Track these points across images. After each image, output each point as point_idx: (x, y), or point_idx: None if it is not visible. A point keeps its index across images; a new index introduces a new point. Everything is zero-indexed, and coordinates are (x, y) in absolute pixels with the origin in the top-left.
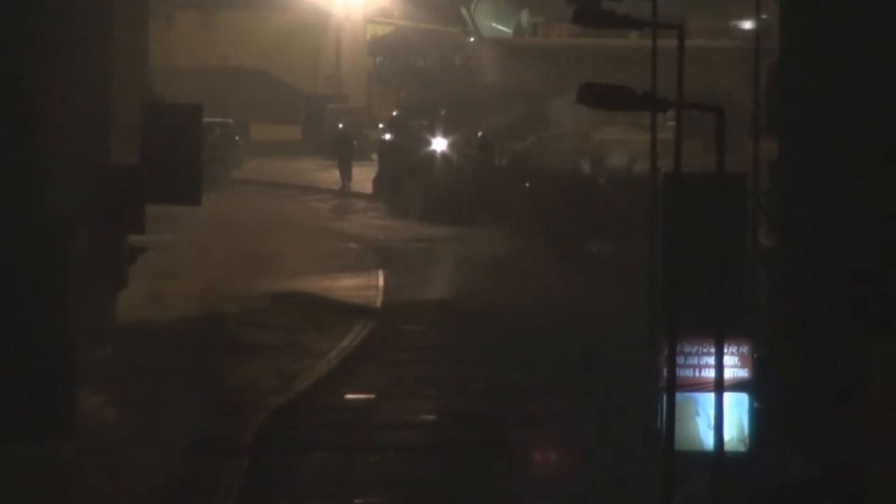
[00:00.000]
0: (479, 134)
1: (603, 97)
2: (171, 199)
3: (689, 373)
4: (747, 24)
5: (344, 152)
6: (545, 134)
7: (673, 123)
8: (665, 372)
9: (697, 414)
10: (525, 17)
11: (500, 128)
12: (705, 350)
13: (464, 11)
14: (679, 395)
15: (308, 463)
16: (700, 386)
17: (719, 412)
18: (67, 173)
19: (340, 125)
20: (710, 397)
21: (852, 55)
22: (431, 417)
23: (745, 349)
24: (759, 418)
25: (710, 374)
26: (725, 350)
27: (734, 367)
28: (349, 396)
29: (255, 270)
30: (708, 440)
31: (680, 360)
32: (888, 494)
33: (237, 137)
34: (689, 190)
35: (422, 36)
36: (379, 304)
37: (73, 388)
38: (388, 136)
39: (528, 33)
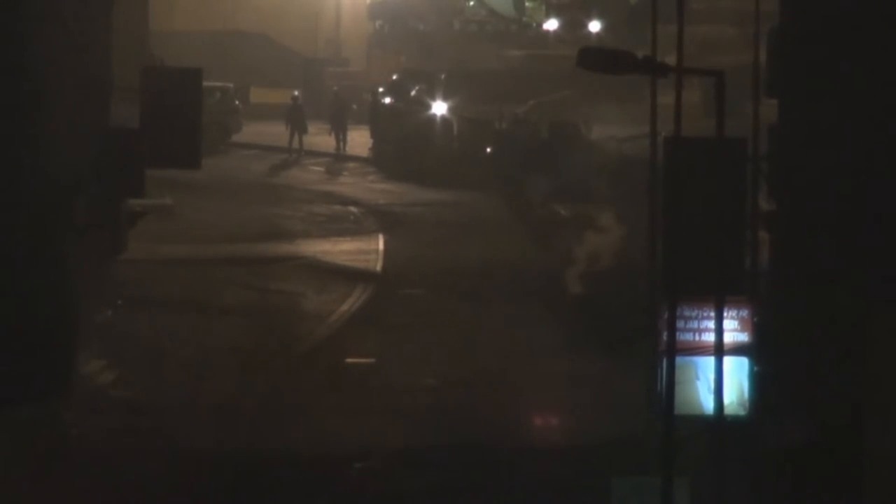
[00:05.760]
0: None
1: (602, 61)
2: (171, 163)
3: (689, 337)
4: None
5: (339, 116)
6: (545, 98)
7: None
8: (665, 336)
9: (697, 378)
10: None
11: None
12: (705, 314)
13: None
14: (679, 359)
15: (308, 426)
16: (700, 350)
17: (719, 376)
18: (67, 137)
19: (335, 88)
20: (709, 361)
21: (852, 17)
22: (432, 381)
23: (744, 313)
24: (759, 382)
25: (709, 337)
26: (725, 314)
27: (734, 330)
28: (350, 360)
29: (255, 234)
30: (708, 404)
31: (680, 323)
32: (887, 458)
33: (237, 102)
34: (688, 154)
35: None
36: (379, 267)
37: (72, 352)
38: (387, 100)
39: None
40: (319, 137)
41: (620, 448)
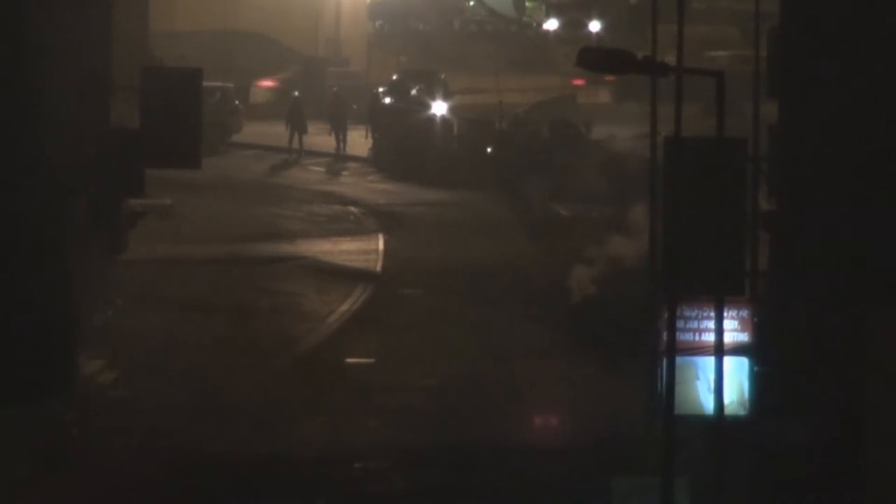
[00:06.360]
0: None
1: (602, 61)
2: (171, 163)
3: (689, 337)
4: None
5: (338, 116)
6: (545, 97)
7: None
8: (665, 336)
9: (697, 378)
10: None
11: None
12: (705, 314)
13: None
14: (679, 359)
15: (308, 427)
16: (700, 350)
17: (719, 376)
18: (68, 137)
19: (335, 88)
20: (710, 361)
21: (852, 17)
22: (431, 381)
23: (744, 313)
24: (759, 382)
25: (709, 337)
26: (725, 314)
27: (734, 330)
28: (350, 360)
29: (255, 234)
30: (708, 404)
31: (680, 324)
32: (887, 458)
33: (237, 102)
34: (688, 154)
35: None
36: (379, 267)
37: (73, 352)
38: (387, 100)
39: None
40: (319, 137)
41: (620, 448)
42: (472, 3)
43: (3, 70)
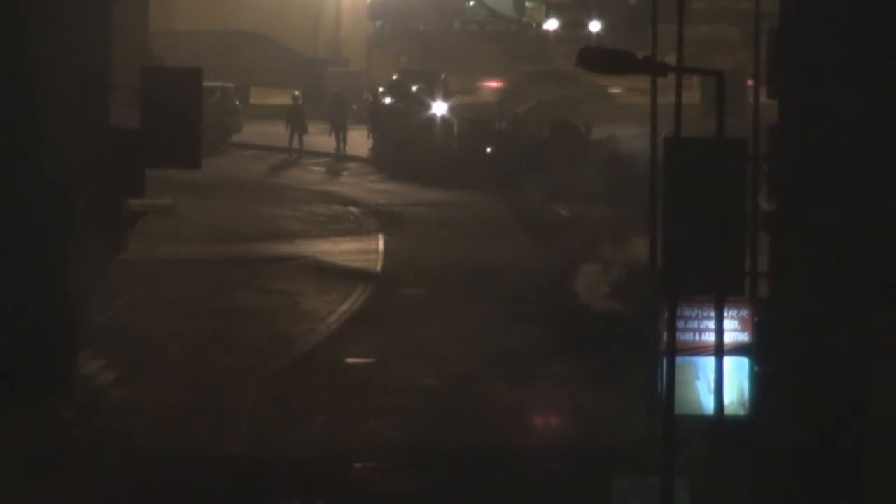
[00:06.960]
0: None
1: (602, 61)
2: (171, 163)
3: (689, 337)
4: None
5: (338, 116)
6: (545, 98)
7: None
8: (665, 336)
9: (698, 378)
10: None
11: None
12: (705, 314)
13: None
14: (679, 360)
15: (308, 427)
16: (700, 350)
17: (719, 376)
18: (67, 138)
19: (335, 89)
20: (710, 361)
21: (852, 17)
22: (431, 381)
23: (745, 313)
24: (759, 382)
25: (709, 337)
26: (725, 314)
27: (734, 330)
28: (350, 360)
29: (255, 234)
30: (708, 404)
31: (680, 324)
32: (887, 458)
33: (237, 102)
34: (688, 154)
35: None
36: (379, 267)
37: (73, 352)
38: (387, 100)
39: None
40: (319, 137)
41: (620, 448)
42: (472, 3)
43: (2, 70)
